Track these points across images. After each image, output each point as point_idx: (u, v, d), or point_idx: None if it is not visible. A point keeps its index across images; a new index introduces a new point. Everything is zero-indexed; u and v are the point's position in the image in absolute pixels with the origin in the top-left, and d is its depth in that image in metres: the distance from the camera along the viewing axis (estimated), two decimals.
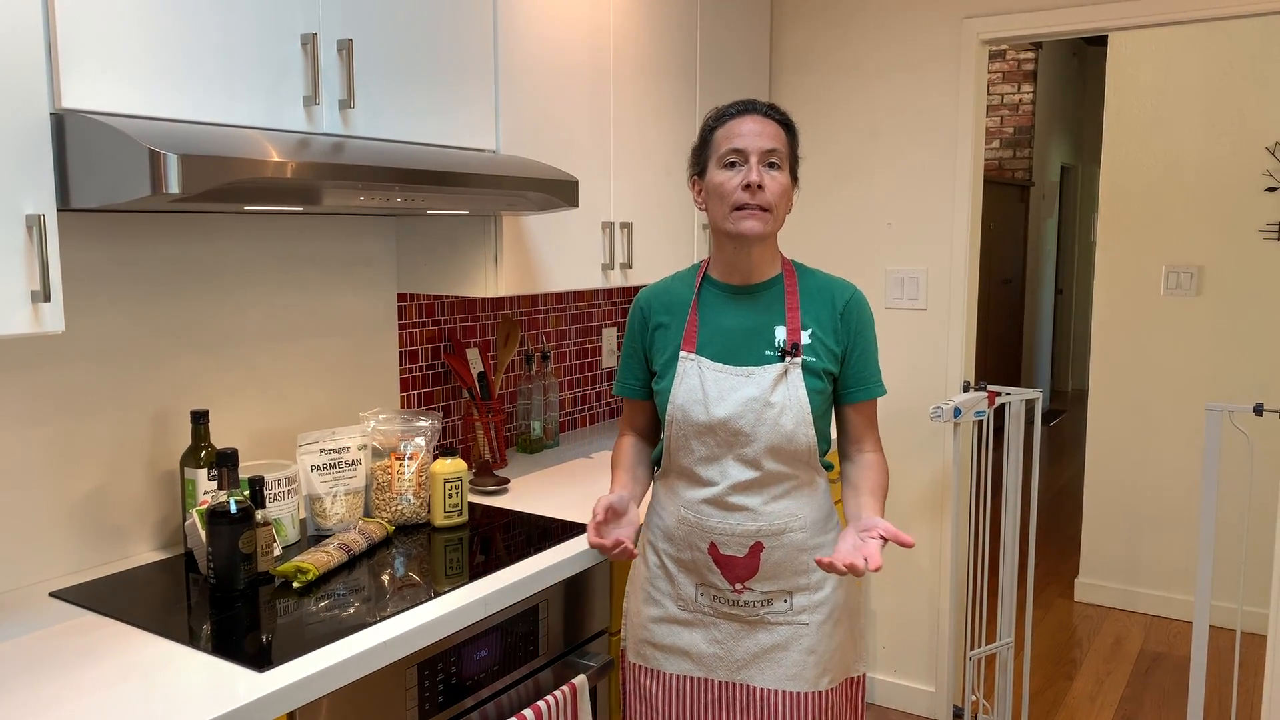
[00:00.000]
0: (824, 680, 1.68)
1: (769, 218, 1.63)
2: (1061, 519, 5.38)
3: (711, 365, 1.67)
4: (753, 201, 1.62)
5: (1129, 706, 3.28)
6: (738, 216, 1.63)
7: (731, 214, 1.64)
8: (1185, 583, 4.00)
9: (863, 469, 1.72)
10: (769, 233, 1.65)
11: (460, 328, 2.53)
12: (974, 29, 2.89)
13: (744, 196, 1.62)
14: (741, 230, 1.63)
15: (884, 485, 1.69)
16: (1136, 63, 3.96)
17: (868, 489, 1.68)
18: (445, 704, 1.62)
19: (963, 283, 2.98)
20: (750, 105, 1.67)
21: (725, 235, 1.67)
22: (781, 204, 1.65)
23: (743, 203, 1.62)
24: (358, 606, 1.59)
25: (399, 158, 1.66)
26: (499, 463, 2.48)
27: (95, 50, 1.38)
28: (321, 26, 1.69)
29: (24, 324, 1.32)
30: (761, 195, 1.62)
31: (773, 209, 1.63)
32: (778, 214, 1.65)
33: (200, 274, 1.91)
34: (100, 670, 1.36)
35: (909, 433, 3.11)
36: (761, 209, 1.62)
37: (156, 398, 1.86)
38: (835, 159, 3.16)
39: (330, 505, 1.95)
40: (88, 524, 1.76)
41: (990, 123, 7.60)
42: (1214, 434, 2.56)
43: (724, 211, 1.65)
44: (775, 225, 1.65)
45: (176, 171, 1.29)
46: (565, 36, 2.27)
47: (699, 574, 1.69)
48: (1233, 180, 3.80)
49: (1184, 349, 3.93)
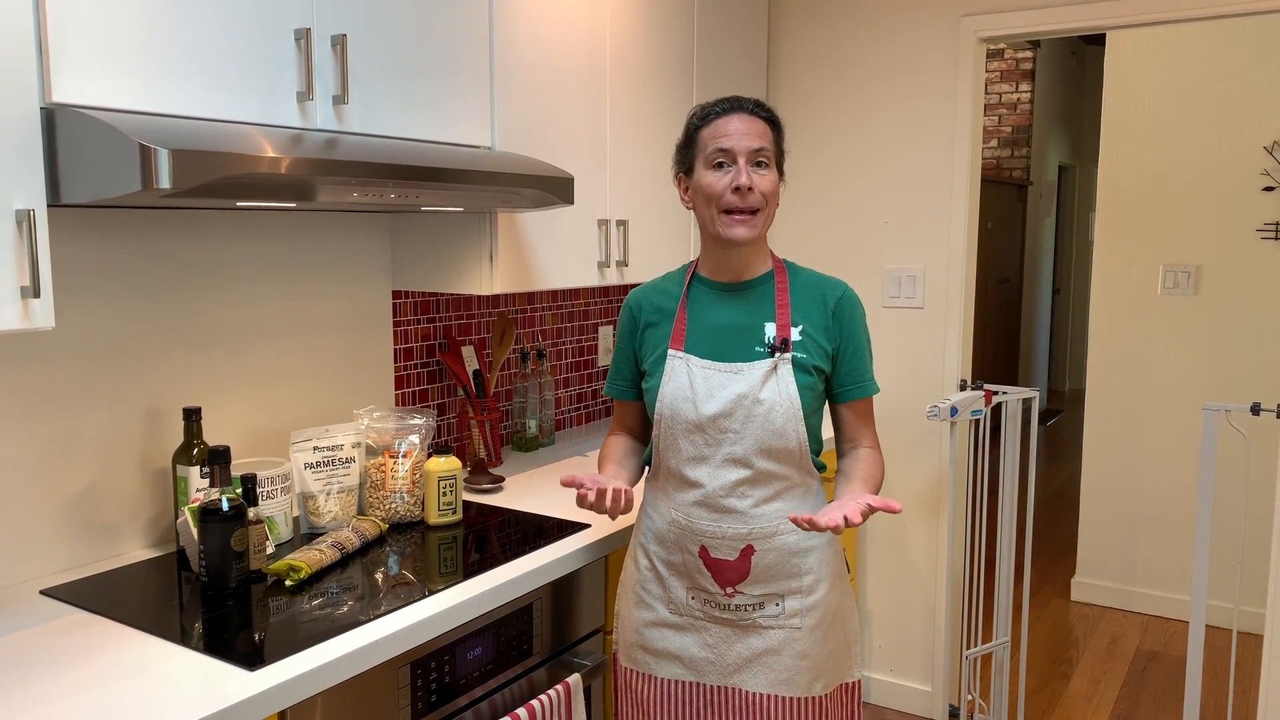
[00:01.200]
0: (817, 685, 1.66)
1: (758, 220, 1.63)
2: (1058, 518, 5.38)
3: (700, 362, 1.66)
4: (742, 205, 1.61)
5: (1125, 706, 3.28)
6: (728, 222, 1.62)
7: (721, 217, 1.63)
8: (1182, 582, 4.00)
9: (855, 460, 1.71)
10: (758, 236, 1.64)
11: (455, 325, 2.52)
12: (972, 27, 2.88)
13: (733, 199, 1.61)
14: (731, 237, 1.63)
15: (876, 476, 1.67)
16: (1135, 62, 3.96)
17: (859, 476, 1.66)
18: (438, 703, 1.61)
19: (960, 282, 2.97)
20: (736, 103, 1.65)
21: (714, 238, 1.66)
22: (770, 203, 1.64)
23: (732, 205, 1.61)
24: (351, 605, 1.58)
25: (393, 154, 1.65)
26: (494, 461, 2.47)
27: (86, 44, 1.37)
28: (315, 21, 1.68)
29: (13, 320, 1.32)
30: (751, 197, 1.61)
31: (761, 210, 1.63)
32: (767, 214, 1.64)
33: (192, 270, 1.90)
34: (91, 669, 1.35)
35: (906, 432, 3.10)
36: (751, 211, 1.62)
37: (148, 395, 1.85)
38: (832, 157, 3.15)
39: (324, 503, 1.94)
40: (79, 521, 1.75)
41: (988, 122, 7.60)
42: (1211, 434, 2.55)
43: (712, 214, 1.64)
44: (765, 226, 1.64)
45: (167, 167, 1.28)
46: (562, 32, 2.26)
47: (690, 577, 1.68)
48: (1231, 180, 3.80)
49: (1181, 349, 3.92)
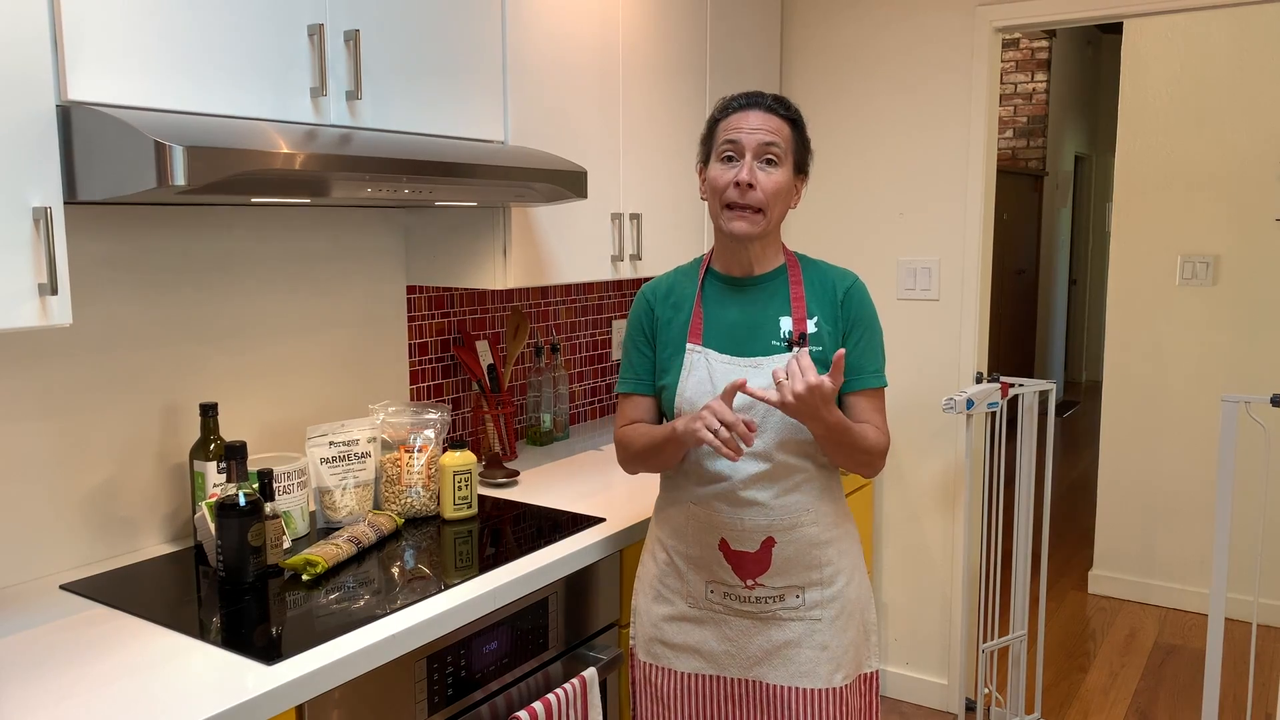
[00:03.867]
0: (838, 676, 1.66)
1: (760, 218, 1.61)
2: (1075, 511, 5.35)
3: (719, 357, 1.65)
4: (741, 201, 1.59)
5: (1143, 700, 3.26)
6: (729, 216, 1.61)
7: (724, 211, 1.62)
8: (1200, 575, 3.97)
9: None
10: (760, 234, 1.62)
11: (470, 320, 2.53)
12: (987, 17, 2.86)
13: (734, 195, 1.60)
14: (731, 230, 1.62)
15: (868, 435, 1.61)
16: (1151, 50, 3.92)
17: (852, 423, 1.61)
18: (455, 697, 1.61)
19: (975, 273, 2.95)
20: (755, 99, 1.63)
21: (719, 231, 1.66)
22: (776, 202, 1.61)
23: (733, 200, 1.60)
24: (367, 599, 1.58)
25: (407, 149, 1.65)
26: (509, 455, 2.48)
27: (101, 42, 1.37)
28: (328, 17, 1.68)
29: (32, 317, 1.32)
30: (751, 194, 1.59)
31: (764, 208, 1.60)
32: (770, 213, 1.61)
33: (208, 266, 1.91)
34: (110, 663, 1.36)
35: (922, 424, 3.09)
36: (752, 209, 1.60)
37: (165, 391, 1.86)
38: (847, 148, 3.14)
39: (339, 498, 1.95)
40: (97, 517, 1.77)
41: (1003, 112, 7.55)
42: (1230, 425, 2.53)
43: (717, 208, 1.63)
44: (768, 225, 1.62)
45: (182, 163, 1.28)
46: (574, 25, 2.25)
47: (709, 570, 1.67)
48: (1249, 169, 3.76)
49: (1200, 339, 3.89)
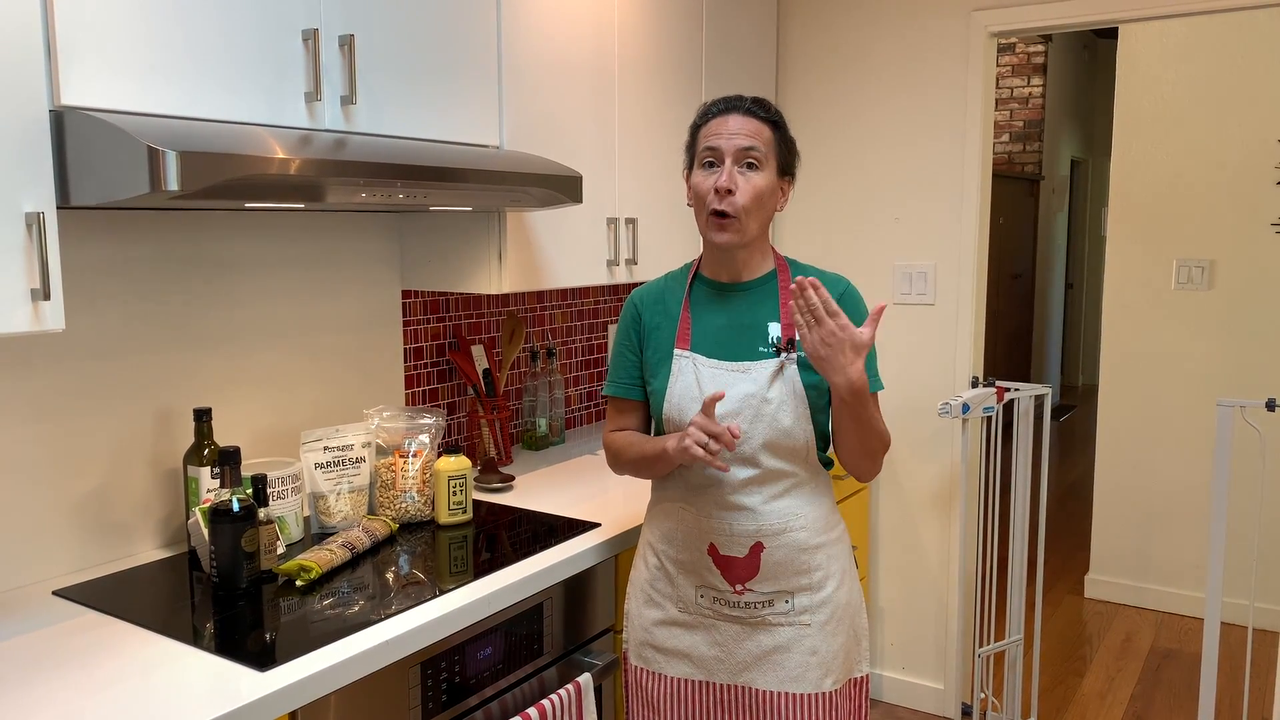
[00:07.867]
0: (827, 681, 1.66)
1: (740, 226, 1.60)
2: (1071, 515, 5.35)
3: (707, 362, 1.65)
4: (720, 206, 1.59)
5: (1139, 704, 3.26)
6: (712, 224, 1.61)
7: (709, 219, 1.62)
8: (1196, 579, 3.97)
9: None
10: (742, 243, 1.62)
11: (465, 325, 2.52)
12: (982, 21, 2.87)
13: (715, 201, 1.60)
14: (715, 241, 1.62)
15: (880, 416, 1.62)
16: (1147, 55, 3.93)
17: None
18: (449, 703, 1.61)
19: (971, 277, 2.95)
20: (733, 103, 1.63)
21: (704, 239, 1.66)
22: (756, 207, 1.60)
23: (715, 207, 1.60)
24: (361, 605, 1.58)
25: (401, 154, 1.65)
26: (504, 460, 2.47)
27: (94, 46, 1.37)
28: (323, 22, 1.68)
29: (24, 322, 1.32)
30: (730, 200, 1.58)
31: (743, 214, 1.59)
32: (751, 219, 1.61)
33: (202, 271, 1.91)
34: (102, 669, 1.36)
35: (917, 429, 3.09)
36: (732, 216, 1.59)
37: (159, 396, 1.85)
38: (842, 153, 3.14)
39: (334, 503, 1.94)
40: (90, 522, 1.76)
41: (999, 116, 7.56)
42: (1225, 429, 2.53)
43: (702, 216, 1.63)
44: (750, 232, 1.62)
45: (175, 169, 1.28)
46: (569, 31, 2.25)
47: (699, 575, 1.67)
48: (1245, 173, 3.77)
49: (1196, 344, 3.89)
